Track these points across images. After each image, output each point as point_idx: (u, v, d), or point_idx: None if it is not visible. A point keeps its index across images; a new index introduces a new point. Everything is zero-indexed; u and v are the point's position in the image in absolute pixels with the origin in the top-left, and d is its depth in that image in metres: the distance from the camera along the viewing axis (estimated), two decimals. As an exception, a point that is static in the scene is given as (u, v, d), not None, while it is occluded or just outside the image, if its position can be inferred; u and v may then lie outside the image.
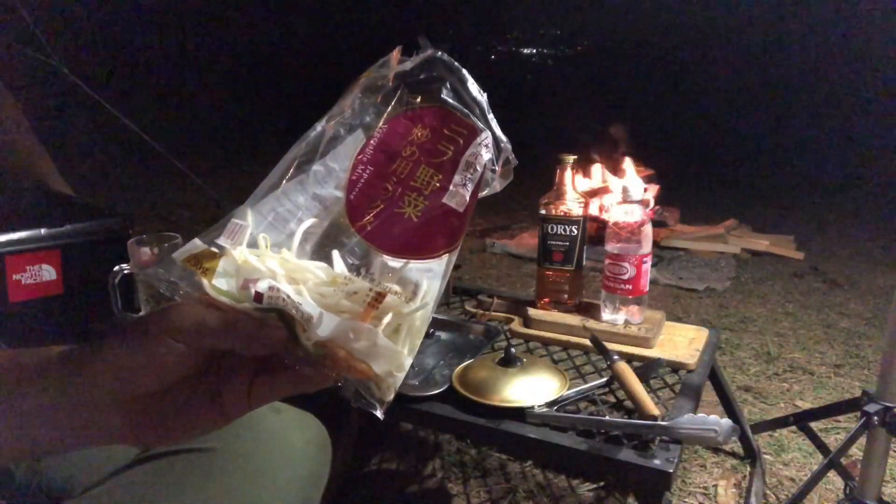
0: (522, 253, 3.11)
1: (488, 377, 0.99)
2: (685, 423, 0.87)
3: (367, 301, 0.37)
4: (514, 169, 0.45)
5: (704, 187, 4.94)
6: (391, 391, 0.38)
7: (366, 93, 0.44)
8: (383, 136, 0.44)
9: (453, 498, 1.34)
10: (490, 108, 0.44)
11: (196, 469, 0.59)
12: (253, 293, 0.36)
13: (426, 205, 0.43)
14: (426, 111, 0.44)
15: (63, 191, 1.86)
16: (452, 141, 0.44)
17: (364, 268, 0.42)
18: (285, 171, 0.43)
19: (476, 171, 0.43)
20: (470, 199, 0.43)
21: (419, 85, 0.44)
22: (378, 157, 0.43)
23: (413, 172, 0.43)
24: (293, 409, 0.69)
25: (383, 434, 1.57)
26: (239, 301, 0.37)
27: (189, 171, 2.94)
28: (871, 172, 5.31)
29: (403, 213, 0.43)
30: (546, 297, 1.30)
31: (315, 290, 0.37)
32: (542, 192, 1.27)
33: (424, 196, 0.43)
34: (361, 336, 0.36)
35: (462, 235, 0.43)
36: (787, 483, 1.40)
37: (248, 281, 0.36)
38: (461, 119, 0.44)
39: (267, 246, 0.40)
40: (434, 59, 0.43)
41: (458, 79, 0.43)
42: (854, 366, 1.97)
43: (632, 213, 1.18)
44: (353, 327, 0.35)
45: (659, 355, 1.12)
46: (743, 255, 3.14)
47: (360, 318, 0.36)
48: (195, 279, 0.37)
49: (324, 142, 0.43)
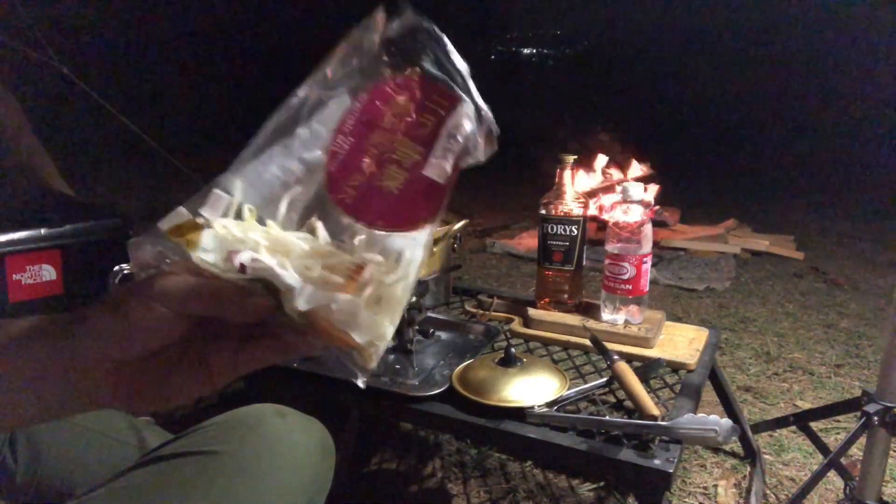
0: (522, 253, 3.11)
1: (488, 377, 0.99)
2: (685, 423, 0.87)
3: (349, 272, 0.38)
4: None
5: (704, 187, 4.94)
6: (373, 360, 0.38)
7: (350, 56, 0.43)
8: (364, 106, 0.43)
9: (453, 498, 1.34)
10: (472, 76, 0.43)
11: (200, 472, 0.59)
12: (237, 265, 0.36)
13: (407, 176, 0.43)
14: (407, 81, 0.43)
15: (63, 191, 1.86)
16: (433, 112, 0.43)
17: (347, 238, 0.42)
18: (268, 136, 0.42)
19: (458, 142, 0.43)
20: (451, 171, 0.43)
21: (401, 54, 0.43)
22: (358, 129, 0.43)
23: (393, 143, 0.43)
24: (298, 413, 0.69)
25: (383, 434, 1.57)
26: (224, 272, 0.37)
27: (189, 171, 2.94)
28: (871, 172, 5.31)
29: (384, 184, 0.42)
30: (546, 297, 1.30)
31: (298, 260, 0.38)
32: (542, 192, 1.27)
33: (405, 168, 0.43)
34: (343, 306, 0.36)
35: (443, 207, 0.43)
36: (787, 483, 1.40)
37: (231, 253, 0.37)
38: (443, 89, 0.43)
39: (252, 216, 0.40)
40: (417, 27, 0.42)
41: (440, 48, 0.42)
42: (854, 366, 1.97)
43: (632, 213, 1.18)
44: (334, 298, 0.36)
45: (659, 355, 1.12)
46: (743, 255, 3.14)
47: (342, 288, 0.37)
48: (182, 248, 0.37)
49: (308, 105, 0.43)
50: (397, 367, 1.12)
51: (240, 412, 0.67)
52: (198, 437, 0.63)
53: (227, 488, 0.59)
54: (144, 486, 0.59)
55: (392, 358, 1.15)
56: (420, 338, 1.20)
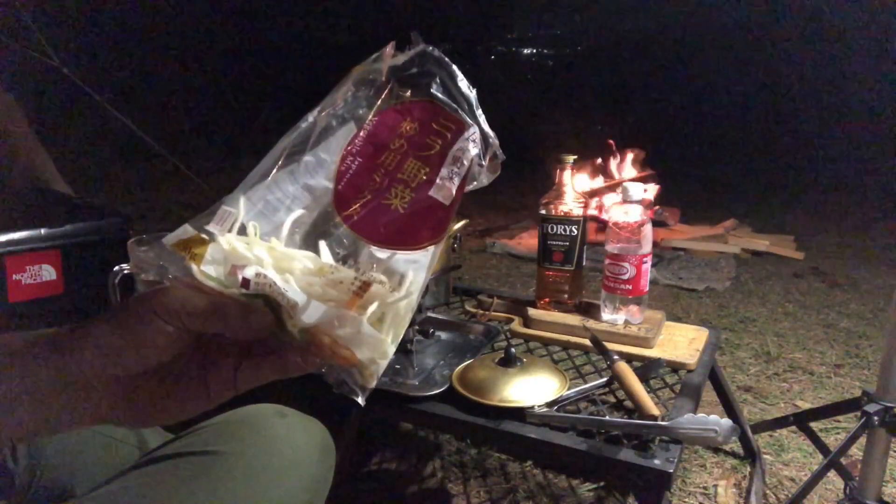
0: (522, 253, 3.11)
1: (488, 377, 0.99)
2: (685, 423, 0.87)
3: (353, 290, 0.38)
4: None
5: (704, 187, 4.94)
6: (374, 378, 0.39)
7: (358, 86, 0.45)
8: (373, 128, 0.44)
9: (453, 498, 1.34)
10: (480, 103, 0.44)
11: (201, 472, 0.59)
12: (240, 279, 0.36)
13: (413, 197, 0.44)
14: (415, 105, 0.45)
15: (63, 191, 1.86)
16: (440, 135, 0.44)
17: (351, 258, 0.43)
18: (276, 160, 0.43)
19: (463, 166, 0.44)
20: (456, 193, 0.44)
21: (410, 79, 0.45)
22: (367, 149, 0.44)
23: (401, 165, 0.44)
24: (298, 414, 0.69)
25: (383, 434, 1.57)
26: (226, 287, 0.37)
27: (189, 171, 2.94)
28: (871, 172, 5.31)
29: (390, 204, 0.43)
30: (546, 297, 1.30)
31: (302, 278, 0.38)
32: (542, 192, 1.27)
33: (411, 188, 0.44)
34: (346, 323, 0.37)
35: (447, 228, 0.44)
36: (787, 483, 1.40)
37: (235, 267, 0.37)
38: (449, 114, 0.44)
39: (256, 233, 0.41)
40: (425, 54, 0.44)
41: (447, 74, 0.44)
42: (854, 366, 1.97)
43: (632, 213, 1.18)
44: (338, 315, 0.36)
45: (659, 355, 1.12)
46: (743, 255, 3.14)
47: (346, 306, 0.37)
48: (184, 264, 0.38)
49: (315, 133, 0.44)
50: (397, 367, 1.12)
51: (240, 412, 0.67)
52: (198, 437, 0.63)
53: (228, 488, 0.59)
54: (144, 487, 0.58)
55: (392, 358, 1.15)
56: (420, 338, 1.20)
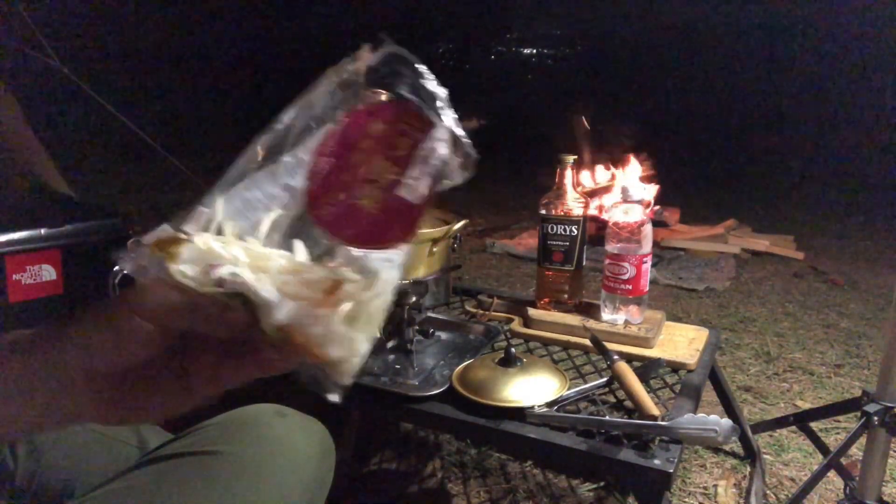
0: (522, 253, 3.11)
1: (488, 377, 0.99)
2: (685, 423, 0.87)
3: (325, 288, 0.38)
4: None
5: (704, 187, 4.94)
6: (347, 376, 0.39)
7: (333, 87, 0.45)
8: (343, 128, 0.45)
9: (453, 498, 1.34)
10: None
11: (200, 472, 0.59)
12: (216, 278, 0.37)
13: (383, 196, 0.44)
14: (385, 106, 0.45)
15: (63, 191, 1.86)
16: (409, 135, 0.45)
17: (327, 257, 0.43)
18: (251, 161, 0.44)
19: (432, 165, 0.44)
20: (426, 192, 0.44)
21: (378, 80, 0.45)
22: (337, 149, 0.45)
23: (371, 165, 0.45)
24: (298, 414, 0.69)
25: (383, 434, 1.57)
26: (202, 285, 0.38)
27: (189, 171, 2.94)
28: (871, 172, 5.31)
29: (360, 204, 0.44)
30: (546, 297, 1.30)
31: (277, 276, 0.39)
32: (542, 192, 1.27)
33: (381, 188, 0.44)
34: (318, 322, 0.37)
35: (417, 227, 0.45)
36: (787, 483, 1.40)
37: (211, 266, 0.38)
38: (418, 114, 0.45)
39: (232, 233, 0.41)
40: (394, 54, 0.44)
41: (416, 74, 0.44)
42: (854, 366, 1.97)
43: (632, 213, 1.18)
44: (310, 313, 0.37)
45: (659, 355, 1.12)
46: (743, 255, 3.14)
47: (318, 304, 0.38)
48: (162, 263, 0.38)
49: (294, 133, 0.45)
50: (397, 367, 1.12)
51: (240, 412, 0.67)
52: (198, 437, 0.63)
53: (228, 488, 0.59)
54: (144, 487, 0.59)
55: (392, 358, 1.15)
56: (420, 338, 1.20)
